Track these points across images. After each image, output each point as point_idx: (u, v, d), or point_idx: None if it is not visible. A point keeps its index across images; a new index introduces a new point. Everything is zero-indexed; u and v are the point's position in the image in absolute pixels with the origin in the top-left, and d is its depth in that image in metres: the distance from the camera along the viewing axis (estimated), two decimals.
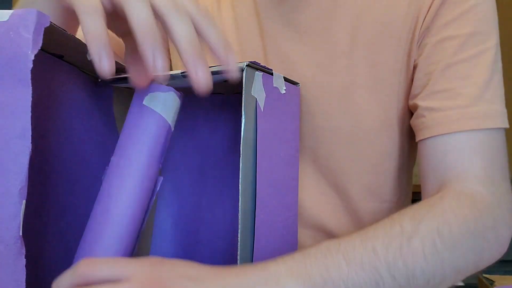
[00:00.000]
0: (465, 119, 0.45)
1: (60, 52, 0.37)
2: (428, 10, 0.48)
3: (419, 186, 0.51)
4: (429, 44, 0.48)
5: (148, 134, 0.35)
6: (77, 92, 0.41)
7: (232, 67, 0.33)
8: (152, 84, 0.36)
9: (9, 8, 0.41)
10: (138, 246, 0.50)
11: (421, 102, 0.48)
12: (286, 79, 0.41)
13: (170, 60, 0.63)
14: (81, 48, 0.36)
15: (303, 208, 0.55)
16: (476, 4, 0.47)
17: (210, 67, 0.37)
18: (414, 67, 0.50)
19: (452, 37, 0.46)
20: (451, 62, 0.46)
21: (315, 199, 0.55)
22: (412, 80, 0.50)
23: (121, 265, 0.32)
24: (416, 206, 0.41)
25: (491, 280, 1.11)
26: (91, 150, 0.42)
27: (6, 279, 0.27)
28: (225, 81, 0.39)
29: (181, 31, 0.31)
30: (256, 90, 0.36)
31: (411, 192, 0.62)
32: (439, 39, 0.47)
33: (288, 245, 0.41)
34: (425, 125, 0.47)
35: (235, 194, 0.48)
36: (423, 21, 0.48)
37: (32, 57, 0.27)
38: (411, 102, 0.50)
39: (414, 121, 0.50)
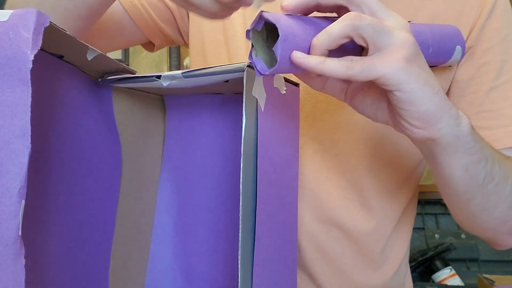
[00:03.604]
0: (508, 137, 0.52)
1: (60, 52, 0.37)
2: (471, 32, 0.54)
3: (423, 186, 0.54)
4: (474, 66, 0.54)
5: None
6: (77, 92, 0.41)
7: None
8: None
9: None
10: (137, 246, 0.50)
11: None
12: (286, 80, 0.41)
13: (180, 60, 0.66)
14: (81, 48, 0.36)
15: (321, 202, 0.56)
16: (507, 34, 0.54)
17: (210, 67, 0.37)
18: (452, 82, 0.55)
19: (493, 62, 0.53)
20: (493, 86, 0.53)
21: (333, 194, 0.56)
22: (448, 92, 0.56)
23: None
24: None
25: (491, 280, 1.11)
26: (91, 150, 0.42)
27: (5, 279, 0.27)
28: (226, 81, 0.39)
29: None
30: (256, 91, 0.36)
31: (417, 192, 0.63)
32: (483, 63, 0.53)
33: (288, 245, 0.41)
34: None
35: (236, 194, 0.48)
36: (466, 41, 0.54)
37: (32, 57, 0.27)
38: None
39: None
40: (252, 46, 0.36)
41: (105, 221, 0.45)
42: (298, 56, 0.34)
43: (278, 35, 0.33)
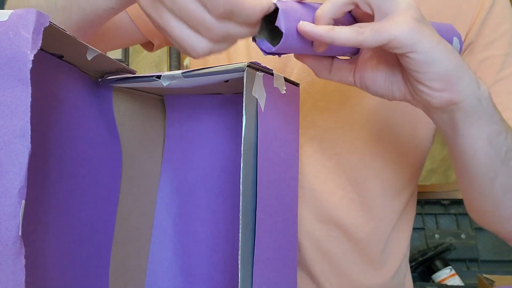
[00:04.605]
0: None
1: (60, 52, 0.37)
2: (471, 28, 0.54)
3: (423, 186, 0.54)
4: (475, 60, 0.53)
5: None
6: (77, 92, 0.41)
7: None
8: None
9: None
10: (137, 246, 0.50)
11: None
12: (286, 80, 0.41)
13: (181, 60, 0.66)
14: (81, 48, 0.36)
15: (320, 201, 0.56)
16: (508, 28, 0.54)
17: (210, 67, 0.37)
18: None
19: (494, 56, 0.53)
20: (497, 79, 0.52)
21: (332, 193, 0.56)
22: None
23: None
24: None
25: (491, 280, 1.11)
26: (91, 150, 0.42)
27: (5, 279, 0.27)
28: (226, 81, 0.39)
29: None
30: (256, 90, 0.36)
31: (417, 191, 0.63)
32: (484, 57, 0.53)
33: (288, 245, 0.41)
34: None
35: (236, 194, 0.48)
36: (466, 37, 0.54)
37: (32, 57, 0.27)
38: None
39: None
40: None
41: (105, 221, 0.45)
42: (305, 26, 0.33)
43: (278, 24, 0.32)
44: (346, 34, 0.33)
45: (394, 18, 0.33)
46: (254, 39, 0.36)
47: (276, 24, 0.33)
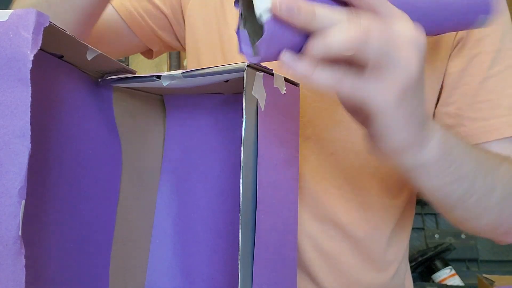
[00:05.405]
0: (506, 127, 0.50)
1: (60, 52, 0.37)
2: None
3: None
4: (466, 57, 0.53)
5: None
6: (77, 92, 0.41)
7: None
8: None
9: (8, 7, 0.41)
10: (137, 246, 0.50)
11: (459, 111, 0.52)
12: (286, 80, 0.41)
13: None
14: (81, 48, 0.36)
15: (318, 201, 0.56)
16: (500, 23, 0.53)
17: (210, 67, 0.37)
18: (444, 74, 0.54)
19: (486, 52, 0.52)
20: (488, 76, 0.52)
21: (330, 193, 0.56)
22: (441, 85, 0.54)
23: None
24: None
25: (491, 280, 1.12)
26: (91, 150, 0.42)
27: (5, 279, 0.27)
28: (226, 81, 0.39)
29: None
30: (257, 90, 0.36)
31: (416, 191, 0.63)
32: (475, 53, 0.52)
33: (288, 245, 0.41)
34: (467, 134, 0.51)
35: (236, 194, 0.48)
36: (457, 33, 0.53)
37: (32, 57, 0.27)
38: (444, 109, 0.54)
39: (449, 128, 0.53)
40: (241, 15, 0.33)
41: (105, 221, 0.45)
42: (287, 58, 0.31)
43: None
44: (325, 81, 0.31)
45: (383, 80, 0.30)
46: (238, 32, 0.34)
47: (257, 45, 0.30)
